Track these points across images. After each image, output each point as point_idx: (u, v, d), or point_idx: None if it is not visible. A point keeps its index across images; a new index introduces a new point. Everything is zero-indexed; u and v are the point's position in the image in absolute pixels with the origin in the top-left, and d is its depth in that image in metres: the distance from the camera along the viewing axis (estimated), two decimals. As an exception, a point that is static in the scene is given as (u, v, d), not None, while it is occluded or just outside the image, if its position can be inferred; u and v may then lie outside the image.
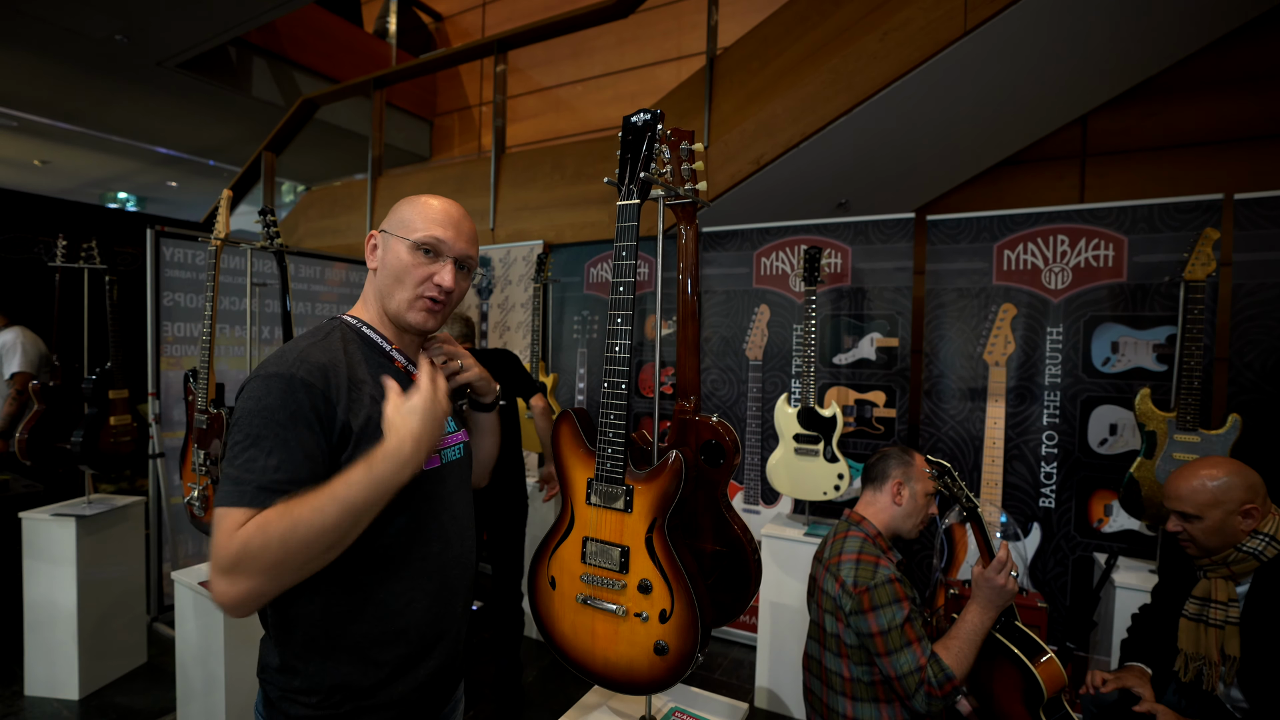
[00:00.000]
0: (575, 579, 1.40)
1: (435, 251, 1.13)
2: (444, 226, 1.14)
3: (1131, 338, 2.79)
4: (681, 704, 1.60)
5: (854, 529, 1.77)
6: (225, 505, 0.93)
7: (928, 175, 4.28)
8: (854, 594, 1.61)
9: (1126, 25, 3.15)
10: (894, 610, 1.58)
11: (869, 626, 1.58)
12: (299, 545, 0.90)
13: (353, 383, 1.05)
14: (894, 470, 1.81)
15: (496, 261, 4.45)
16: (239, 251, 4.00)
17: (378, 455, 0.96)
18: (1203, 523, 1.68)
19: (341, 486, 0.93)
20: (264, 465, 0.94)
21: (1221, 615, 1.67)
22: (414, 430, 0.99)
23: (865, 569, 1.63)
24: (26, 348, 3.71)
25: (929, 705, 1.54)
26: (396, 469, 0.96)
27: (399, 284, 1.13)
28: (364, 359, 1.11)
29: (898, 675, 1.56)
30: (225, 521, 0.91)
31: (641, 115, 1.30)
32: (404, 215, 1.15)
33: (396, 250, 1.13)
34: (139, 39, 5.04)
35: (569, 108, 6.44)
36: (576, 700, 1.60)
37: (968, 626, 1.61)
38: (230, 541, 0.89)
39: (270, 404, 0.97)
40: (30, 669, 2.96)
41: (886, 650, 1.57)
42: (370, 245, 1.18)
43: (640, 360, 3.96)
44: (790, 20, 3.55)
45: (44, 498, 3.28)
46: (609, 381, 1.33)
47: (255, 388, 1.00)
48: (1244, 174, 3.57)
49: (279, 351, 1.05)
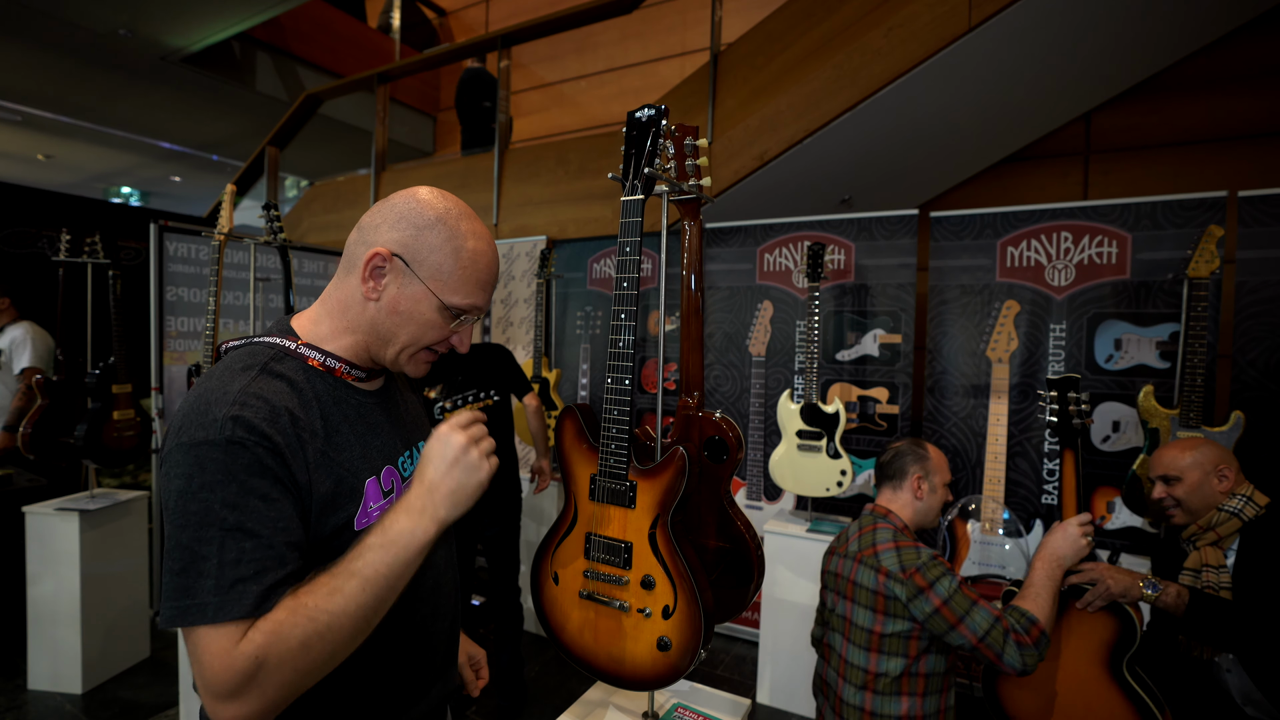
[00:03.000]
0: (578, 575, 1.40)
1: (464, 318, 0.95)
2: (486, 289, 0.95)
3: (1135, 335, 2.78)
4: (684, 700, 1.60)
5: (882, 521, 1.76)
6: (211, 622, 0.73)
7: (931, 172, 4.27)
8: (905, 579, 1.61)
9: (1130, 22, 3.14)
10: (948, 580, 1.58)
11: (931, 603, 1.57)
12: (324, 644, 0.77)
13: (304, 439, 0.84)
14: (912, 466, 1.81)
15: (500, 257, 4.45)
16: (242, 246, 4.01)
17: (395, 510, 0.84)
18: (1183, 483, 1.78)
19: (356, 561, 0.80)
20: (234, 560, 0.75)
21: (1214, 579, 1.72)
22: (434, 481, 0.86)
23: (908, 553, 1.64)
24: (36, 343, 3.72)
25: (1023, 657, 1.48)
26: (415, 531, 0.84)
27: (408, 338, 0.94)
28: (316, 398, 0.89)
29: (980, 637, 1.51)
30: (217, 641, 0.73)
31: (646, 111, 1.29)
32: (441, 261, 0.90)
33: (420, 304, 0.91)
34: (142, 33, 5.04)
35: (572, 103, 6.43)
36: (579, 695, 1.61)
37: (1038, 578, 1.58)
38: (234, 661, 0.73)
39: (209, 480, 0.76)
40: (33, 663, 2.97)
41: (958, 618, 1.54)
42: (373, 267, 0.90)
43: (644, 356, 3.96)
44: (794, 16, 3.54)
45: (47, 492, 3.29)
46: (612, 377, 1.33)
47: (179, 462, 0.77)
48: (1248, 171, 3.56)
49: (197, 400, 0.81)
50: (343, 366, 0.94)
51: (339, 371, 0.94)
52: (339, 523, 0.86)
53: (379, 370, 1.00)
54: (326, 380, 0.92)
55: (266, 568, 0.76)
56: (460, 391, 2.69)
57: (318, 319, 0.96)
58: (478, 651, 1.29)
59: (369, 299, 0.92)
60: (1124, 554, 2.67)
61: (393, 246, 0.90)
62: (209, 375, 0.86)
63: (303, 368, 0.90)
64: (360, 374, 0.96)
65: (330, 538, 0.86)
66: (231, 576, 0.75)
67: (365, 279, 0.91)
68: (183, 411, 0.81)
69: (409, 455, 1.02)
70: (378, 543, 0.82)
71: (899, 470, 1.83)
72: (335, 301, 0.95)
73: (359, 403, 0.96)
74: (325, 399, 0.90)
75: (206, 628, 0.73)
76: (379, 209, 0.94)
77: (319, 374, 0.91)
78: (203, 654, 0.74)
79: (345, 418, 0.92)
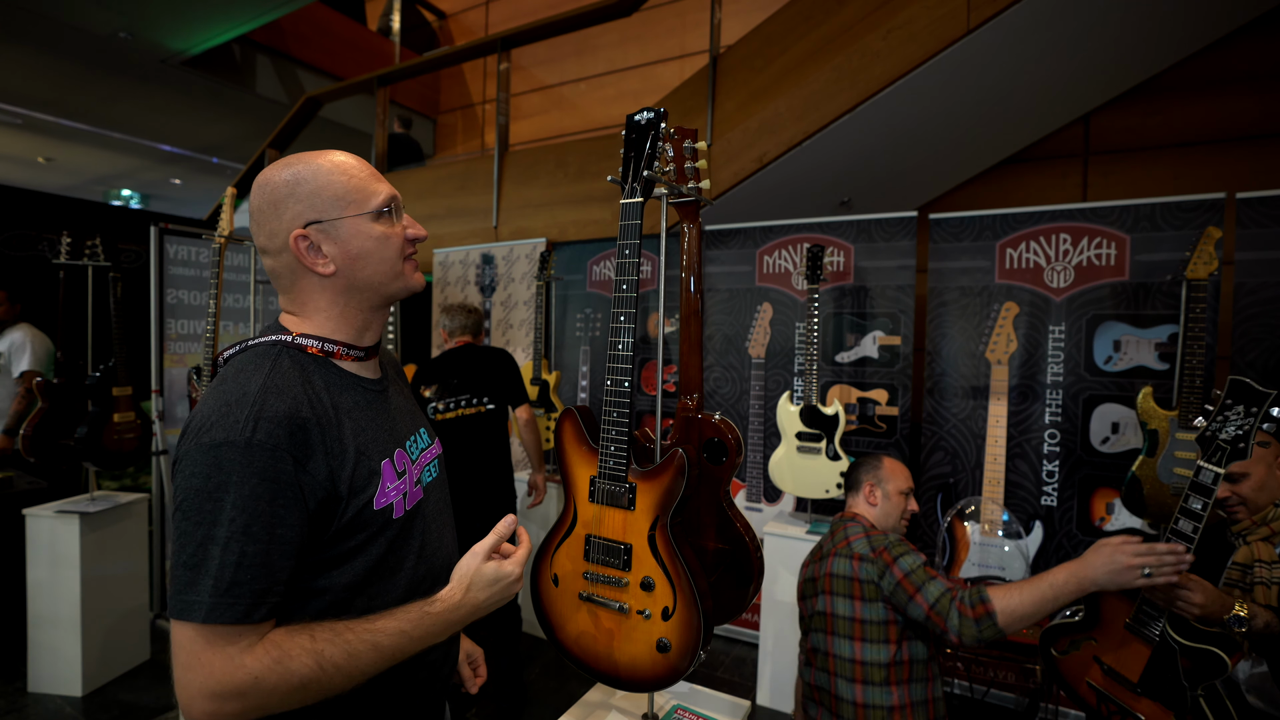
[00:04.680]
0: (578, 577, 1.40)
1: (393, 208, 0.97)
2: (379, 178, 0.98)
3: (1133, 336, 2.78)
4: (684, 701, 1.60)
5: (850, 522, 1.87)
6: (218, 622, 0.77)
7: (930, 174, 4.28)
8: (875, 557, 1.68)
9: (1129, 24, 3.15)
10: (912, 556, 1.65)
11: (895, 576, 1.63)
12: (320, 689, 0.82)
13: (325, 427, 0.87)
14: (864, 476, 1.94)
15: (500, 259, 4.46)
16: (243, 249, 4.01)
17: (431, 610, 0.91)
18: (1250, 480, 1.75)
19: (383, 635, 0.86)
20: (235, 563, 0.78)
21: (1266, 574, 1.69)
22: (479, 604, 0.94)
23: (878, 538, 1.74)
24: (35, 346, 3.72)
25: (961, 626, 1.48)
26: (442, 630, 0.92)
27: (381, 261, 0.96)
28: (326, 387, 0.92)
29: (931, 604, 1.55)
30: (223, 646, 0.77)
31: (645, 113, 1.30)
32: (332, 193, 0.92)
33: (360, 231, 0.93)
34: (142, 36, 5.05)
35: (572, 106, 6.44)
36: (579, 697, 1.61)
37: (1044, 579, 1.47)
38: (236, 669, 0.77)
39: (225, 480, 0.79)
40: (34, 665, 2.97)
41: (916, 588, 1.59)
42: (304, 249, 0.92)
43: (643, 358, 3.97)
44: (793, 18, 3.54)
45: (47, 495, 3.29)
46: (612, 379, 1.33)
47: (198, 461, 0.80)
48: (1246, 173, 3.56)
49: (217, 402, 0.83)
50: (340, 349, 0.97)
51: (338, 354, 0.97)
52: (360, 504, 0.90)
53: (373, 349, 1.04)
54: (330, 369, 0.95)
55: (260, 575, 0.79)
56: (455, 394, 2.69)
57: (298, 317, 0.98)
58: (475, 649, 1.30)
59: (325, 273, 0.94)
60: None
61: (296, 223, 0.92)
62: (222, 379, 0.88)
63: (306, 358, 0.93)
64: (358, 353, 0.99)
65: (353, 518, 0.89)
66: (229, 580, 0.78)
67: (309, 262, 0.93)
68: (202, 414, 0.83)
69: (413, 440, 1.06)
70: (408, 631, 0.88)
71: (855, 481, 1.97)
72: (304, 302, 0.97)
73: (364, 389, 0.99)
74: (334, 387, 0.93)
75: (206, 629, 0.77)
76: (256, 224, 0.95)
77: (321, 362, 0.94)
78: (205, 650, 0.77)
79: (355, 404, 0.95)
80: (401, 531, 0.96)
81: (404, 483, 0.98)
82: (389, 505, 0.94)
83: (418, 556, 1.00)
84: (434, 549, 1.04)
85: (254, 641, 0.80)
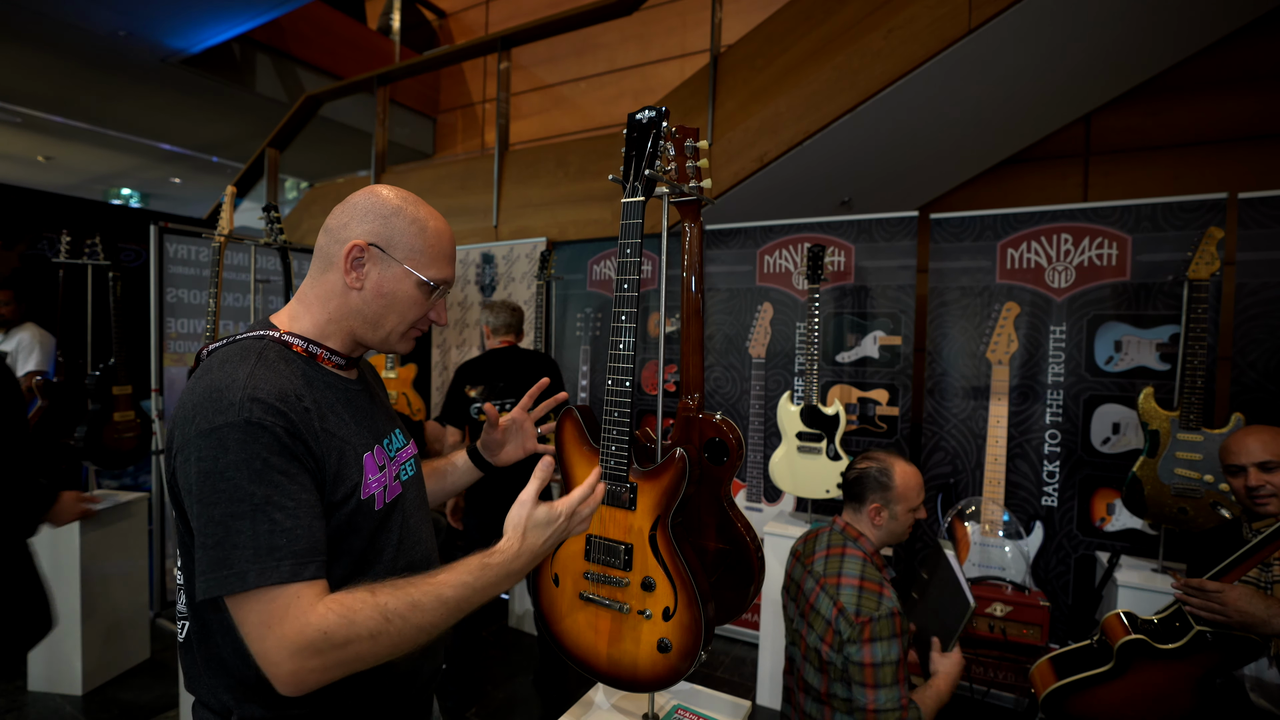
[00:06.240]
0: (578, 576, 1.40)
1: (440, 289, 1.03)
2: (453, 262, 1.05)
3: (1134, 337, 2.78)
4: (684, 701, 1.60)
5: (851, 546, 1.73)
6: (270, 584, 0.79)
7: (931, 173, 4.27)
8: (855, 623, 1.58)
9: (1130, 24, 3.15)
10: (890, 645, 1.55)
11: (862, 657, 1.55)
12: (390, 641, 0.83)
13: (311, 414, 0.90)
14: (871, 495, 1.76)
15: (500, 259, 4.46)
16: (243, 248, 4.01)
17: (491, 561, 0.92)
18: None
19: (446, 588, 0.87)
20: (268, 530, 0.80)
21: None
22: (536, 548, 0.96)
23: (869, 599, 1.60)
24: (43, 347, 3.73)
25: None
26: (505, 580, 0.92)
27: (396, 317, 1.01)
28: (308, 381, 0.95)
29: (877, 708, 1.53)
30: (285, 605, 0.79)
31: (646, 112, 1.29)
32: (411, 242, 0.99)
33: (402, 283, 0.99)
34: (142, 35, 5.05)
35: (572, 105, 6.43)
36: (579, 697, 1.61)
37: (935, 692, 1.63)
38: (304, 626, 0.78)
39: (234, 459, 0.81)
40: (34, 664, 2.96)
41: (875, 683, 1.54)
42: (353, 259, 0.97)
43: (644, 358, 3.96)
44: (794, 18, 3.54)
45: (47, 493, 3.28)
46: (613, 379, 1.33)
47: (201, 447, 0.82)
48: (1247, 173, 3.56)
49: (206, 390, 0.85)
50: (324, 352, 1.01)
51: (320, 357, 1.01)
52: (345, 492, 0.92)
53: (355, 360, 1.08)
54: (313, 366, 0.99)
55: (299, 536, 0.82)
56: (501, 397, 2.73)
57: (296, 315, 1.01)
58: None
59: (352, 288, 0.99)
60: (1125, 555, 2.67)
61: (368, 237, 0.98)
62: (208, 369, 0.89)
63: (290, 354, 0.96)
64: (340, 360, 1.03)
65: (338, 505, 0.92)
66: (267, 545, 0.80)
67: (347, 270, 0.98)
68: (192, 403, 0.85)
69: (390, 439, 1.10)
70: (469, 582, 0.89)
71: (857, 495, 1.78)
72: (314, 298, 1.01)
73: (345, 387, 1.03)
74: (317, 382, 0.97)
75: (261, 594, 0.79)
76: (342, 209, 1.00)
77: (303, 359, 0.98)
78: (267, 616, 0.79)
79: (337, 399, 0.99)
80: (381, 523, 0.99)
81: (384, 476, 1.01)
82: (371, 496, 0.97)
83: (396, 549, 1.02)
84: (412, 543, 1.07)
85: (313, 600, 0.81)
